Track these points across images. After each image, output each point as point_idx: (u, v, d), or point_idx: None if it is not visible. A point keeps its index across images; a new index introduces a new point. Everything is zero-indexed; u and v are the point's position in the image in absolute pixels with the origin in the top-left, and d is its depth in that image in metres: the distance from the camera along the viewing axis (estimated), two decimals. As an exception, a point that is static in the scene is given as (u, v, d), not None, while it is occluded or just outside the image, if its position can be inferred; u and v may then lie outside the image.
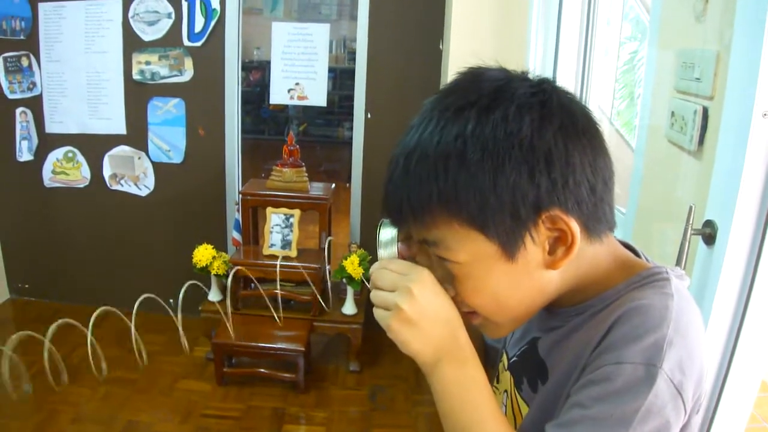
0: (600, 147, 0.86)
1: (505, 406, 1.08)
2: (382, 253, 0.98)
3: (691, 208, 1.40)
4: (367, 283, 0.95)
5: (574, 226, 0.83)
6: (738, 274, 1.36)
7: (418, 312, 0.87)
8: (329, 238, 3.96)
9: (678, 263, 1.43)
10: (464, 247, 0.86)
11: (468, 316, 0.95)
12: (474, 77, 0.89)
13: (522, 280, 0.88)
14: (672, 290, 0.85)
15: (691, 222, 1.41)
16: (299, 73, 4.17)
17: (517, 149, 0.80)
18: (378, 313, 0.90)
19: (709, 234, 1.41)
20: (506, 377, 1.09)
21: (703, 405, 0.88)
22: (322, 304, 3.90)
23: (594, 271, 0.91)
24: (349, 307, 3.99)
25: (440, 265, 0.91)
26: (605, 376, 0.80)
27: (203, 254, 3.96)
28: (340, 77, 7.84)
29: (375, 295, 0.91)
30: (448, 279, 0.91)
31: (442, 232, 0.86)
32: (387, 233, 0.98)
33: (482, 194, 0.81)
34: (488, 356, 1.24)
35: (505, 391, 1.08)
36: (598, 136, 0.87)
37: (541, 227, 0.83)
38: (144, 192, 4.48)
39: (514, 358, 1.06)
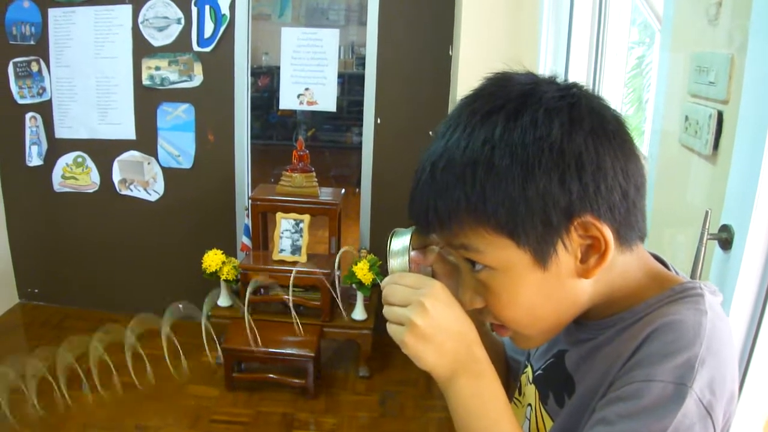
0: (631, 151, 0.84)
1: (529, 420, 1.06)
2: (393, 263, 0.96)
3: (707, 212, 1.39)
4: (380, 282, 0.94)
5: (607, 232, 0.81)
6: (755, 279, 1.34)
7: (432, 326, 0.85)
8: (342, 249, 3.97)
9: (694, 268, 1.42)
10: (494, 254, 0.84)
11: (497, 329, 0.94)
12: (501, 81, 0.87)
13: (554, 289, 0.86)
14: (706, 306, 0.83)
15: (707, 227, 1.40)
16: (308, 79, 4.17)
17: (546, 154, 0.79)
18: (392, 329, 0.88)
19: (725, 239, 1.39)
20: (531, 390, 1.07)
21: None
22: (341, 309, 3.90)
23: (625, 283, 0.89)
24: (358, 313, 3.98)
25: (470, 274, 0.90)
26: (633, 392, 0.78)
27: (213, 259, 3.96)
28: (349, 82, 7.85)
29: (388, 311, 0.89)
30: (478, 289, 0.90)
31: (470, 239, 0.84)
32: (398, 243, 0.96)
33: (511, 201, 0.79)
34: (510, 369, 1.23)
35: (529, 404, 1.06)
36: (629, 141, 0.85)
37: (573, 234, 0.82)
38: (153, 197, 4.48)
39: (540, 371, 1.05)
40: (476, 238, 0.84)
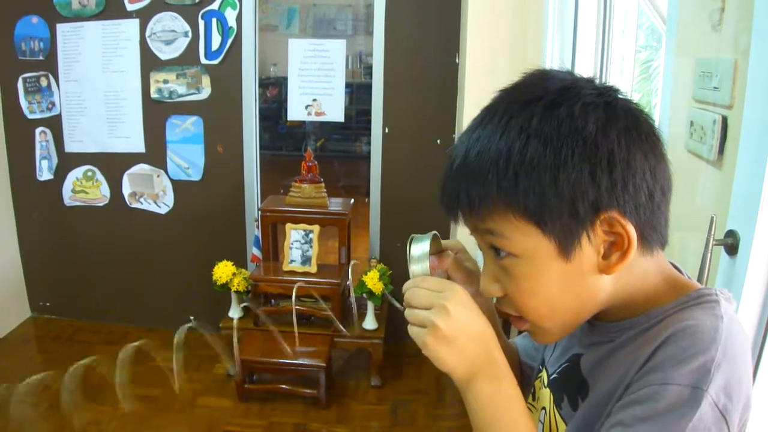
0: (661, 155, 0.86)
1: (542, 424, 1.06)
2: (414, 268, 0.97)
3: (712, 218, 1.39)
4: (391, 299, 0.95)
5: (631, 230, 0.82)
6: (762, 285, 1.34)
7: (454, 329, 0.86)
8: (352, 262, 3.98)
9: (700, 274, 1.42)
10: (520, 240, 0.85)
11: (515, 321, 0.95)
12: (541, 75, 0.90)
13: (575, 282, 0.87)
14: (722, 312, 0.83)
15: (713, 232, 1.40)
16: (316, 89, 4.18)
17: (580, 146, 0.80)
18: (413, 331, 0.89)
19: (731, 244, 1.39)
20: (545, 394, 1.07)
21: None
22: (342, 325, 3.91)
23: (643, 286, 0.90)
24: (369, 322, 3.98)
25: (493, 262, 0.91)
26: (650, 396, 0.79)
27: (223, 271, 3.97)
28: (357, 92, 7.84)
29: (410, 314, 0.90)
30: (499, 277, 0.91)
31: (498, 224, 0.86)
32: (418, 248, 0.98)
33: (542, 189, 0.81)
34: (523, 374, 1.23)
35: (544, 408, 1.07)
36: (660, 144, 0.86)
37: (598, 229, 0.83)
38: (163, 210, 4.50)
39: (555, 375, 1.05)
40: (504, 223, 0.85)
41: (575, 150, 0.80)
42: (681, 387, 0.77)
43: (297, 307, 3.75)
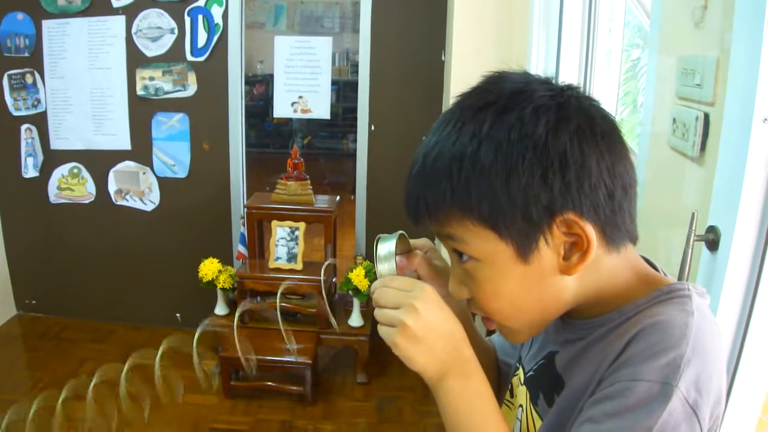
0: (620, 153, 0.85)
1: (520, 421, 1.07)
2: (380, 268, 0.98)
3: (693, 214, 1.40)
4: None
5: (590, 231, 0.82)
6: (742, 280, 1.35)
7: (423, 328, 0.87)
8: (326, 262, 3.99)
9: (681, 270, 1.43)
10: (479, 245, 0.86)
11: (485, 321, 0.96)
12: (495, 79, 0.90)
13: (536, 283, 0.87)
14: (693, 307, 0.84)
15: (693, 228, 1.41)
16: (302, 87, 4.18)
17: (530, 150, 0.80)
18: (383, 331, 0.90)
19: (712, 240, 1.40)
20: (522, 392, 1.08)
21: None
22: (331, 319, 3.91)
23: (613, 283, 0.90)
24: (355, 319, 3.99)
25: (457, 265, 0.92)
26: (620, 392, 0.79)
27: (209, 268, 3.96)
28: (344, 89, 7.83)
29: (379, 313, 0.91)
30: (464, 280, 0.92)
31: (456, 230, 0.86)
32: (384, 248, 0.98)
33: (494, 195, 0.81)
34: (500, 371, 1.24)
35: (521, 405, 1.07)
36: (620, 142, 0.86)
37: (556, 231, 0.83)
38: (149, 207, 4.49)
39: (531, 373, 1.05)
40: (462, 229, 0.86)
41: (525, 155, 0.80)
42: (650, 383, 0.77)
43: (283, 304, 3.75)
